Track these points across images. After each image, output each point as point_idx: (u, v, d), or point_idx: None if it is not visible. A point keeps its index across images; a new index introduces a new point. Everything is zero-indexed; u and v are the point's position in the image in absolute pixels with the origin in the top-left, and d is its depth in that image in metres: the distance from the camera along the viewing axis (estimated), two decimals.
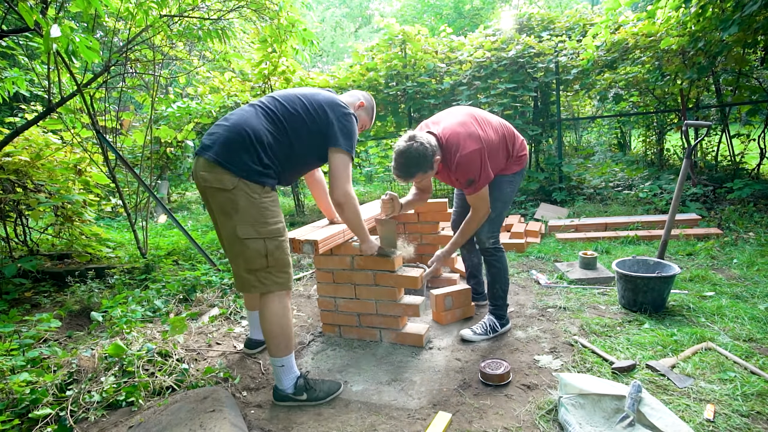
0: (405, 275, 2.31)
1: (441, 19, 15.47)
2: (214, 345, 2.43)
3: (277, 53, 5.36)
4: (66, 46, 2.56)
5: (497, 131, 2.27)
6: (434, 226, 3.15)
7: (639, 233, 3.98)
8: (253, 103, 1.91)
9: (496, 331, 2.42)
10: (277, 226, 1.83)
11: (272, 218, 1.82)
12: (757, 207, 4.25)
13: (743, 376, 1.83)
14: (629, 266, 2.65)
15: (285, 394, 1.91)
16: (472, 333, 2.40)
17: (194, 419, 1.68)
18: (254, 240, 1.77)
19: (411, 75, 5.74)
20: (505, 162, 2.33)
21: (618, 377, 1.91)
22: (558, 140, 5.92)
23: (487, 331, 2.40)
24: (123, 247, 4.63)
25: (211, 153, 1.75)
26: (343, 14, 24.03)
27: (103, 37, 6.34)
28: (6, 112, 8.34)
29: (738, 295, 2.63)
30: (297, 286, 3.52)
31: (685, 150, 3.58)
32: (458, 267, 3.36)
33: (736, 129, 5.65)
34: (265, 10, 4.28)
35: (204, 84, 7.10)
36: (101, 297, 3.18)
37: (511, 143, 2.33)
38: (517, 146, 2.36)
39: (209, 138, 1.80)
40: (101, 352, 2.09)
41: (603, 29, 4.99)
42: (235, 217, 1.76)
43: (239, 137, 1.76)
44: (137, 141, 5.37)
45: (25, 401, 1.81)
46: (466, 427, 1.70)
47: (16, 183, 3.67)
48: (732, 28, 3.79)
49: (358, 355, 2.33)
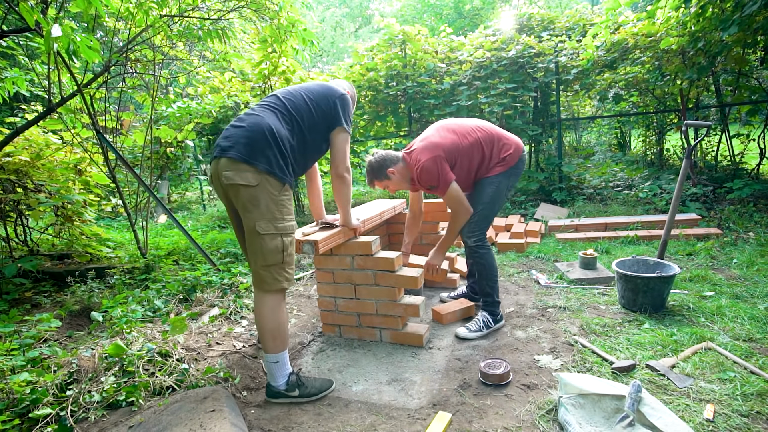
0: (405, 275, 2.31)
1: (441, 19, 15.48)
2: (214, 345, 2.44)
3: (277, 53, 5.36)
4: (67, 45, 2.56)
5: (469, 135, 2.42)
6: (434, 226, 3.15)
7: (639, 233, 3.98)
8: (262, 104, 2.00)
9: (489, 327, 2.46)
10: (291, 223, 1.92)
11: (288, 215, 1.91)
12: (757, 207, 4.26)
13: (743, 376, 1.83)
14: (629, 266, 2.66)
15: (278, 390, 1.94)
16: (467, 331, 2.42)
17: (194, 419, 1.68)
18: (272, 236, 1.84)
19: (411, 75, 5.74)
20: (479, 163, 2.44)
21: (618, 377, 1.91)
22: (558, 140, 5.92)
23: (481, 327, 2.44)
24: (123, 247, 4.63)
25: (234, 152, 1.81)
26: (343, 14, 24.04)
27: (104, 37, 6.35)
28: (6, 112, 8.35)
29: (738, 295, 2.63)
30: (297, 286, 3.52)
31: (685, 150, 3.58)
32: (458, 267, 3.36)
33: (735, 129, 5.65)
34: (265, 10, 4.28)
35: (204, 84, 7.10)
36: (101, 297, 3.18)
37: (489, 146, 2.43)
38: (497, 148, 2.44)
39: (226, 140, 1.86)
40: (101, 352, 2.09)
41: (603, 29, 4.99)
42: (255, 213, 1.82)
43: (261, 135, 1.84)
44: (137, 141, 5.37)
45: (25, 401, 1.81)
46: (466, 427, 1.70)
47: (17, 183, 3.67)
48: (732, 28, 3.79)
49: (358, 355, 2.34)
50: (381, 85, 5.90)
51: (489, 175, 2.45)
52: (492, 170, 2.44)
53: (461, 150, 2.39)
